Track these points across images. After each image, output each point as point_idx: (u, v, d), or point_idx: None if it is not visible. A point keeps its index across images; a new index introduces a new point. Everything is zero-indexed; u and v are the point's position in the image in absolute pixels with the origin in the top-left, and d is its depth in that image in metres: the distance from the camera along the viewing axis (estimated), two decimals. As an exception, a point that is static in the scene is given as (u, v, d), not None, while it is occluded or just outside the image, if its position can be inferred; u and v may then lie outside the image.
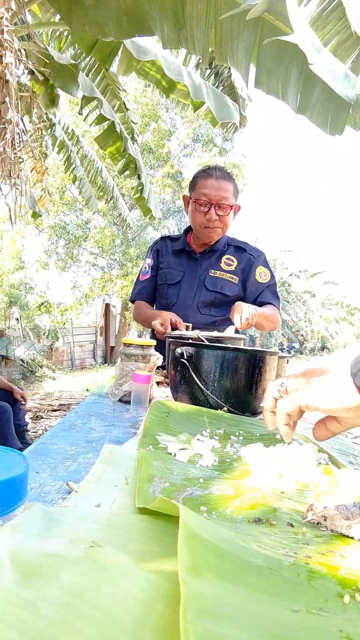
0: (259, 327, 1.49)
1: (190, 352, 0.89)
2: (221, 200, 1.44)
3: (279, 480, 0.52)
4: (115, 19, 1.76)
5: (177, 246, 1.64)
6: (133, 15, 1.73)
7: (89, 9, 1.77)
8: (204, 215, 1.46)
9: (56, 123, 3.82)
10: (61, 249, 13.35)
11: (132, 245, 12.87)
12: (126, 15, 1.74)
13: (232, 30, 1.64)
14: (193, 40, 1.72)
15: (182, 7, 1.65)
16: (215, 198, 1.43)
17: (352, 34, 1.93)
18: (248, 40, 1.65)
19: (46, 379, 9.13)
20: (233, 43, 1.67)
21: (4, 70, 2.15)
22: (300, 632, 0.22)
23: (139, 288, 1.68)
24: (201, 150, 13.04)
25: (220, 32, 1.66)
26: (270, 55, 1.66)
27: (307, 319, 17.81)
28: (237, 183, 1.56)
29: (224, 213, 1.47)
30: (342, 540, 0.37)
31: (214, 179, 1.44)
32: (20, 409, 2.83)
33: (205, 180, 1.45)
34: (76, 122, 10.62)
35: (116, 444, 0.62)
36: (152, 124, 12.22)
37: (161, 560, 0.30)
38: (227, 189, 1.45)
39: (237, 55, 1.70)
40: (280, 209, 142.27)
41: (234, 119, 2.60)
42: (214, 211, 1.45)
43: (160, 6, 1.68)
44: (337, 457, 0.62)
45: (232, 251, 1.59)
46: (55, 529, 0.31)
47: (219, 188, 1.43)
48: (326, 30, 2.09)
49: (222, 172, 1.47)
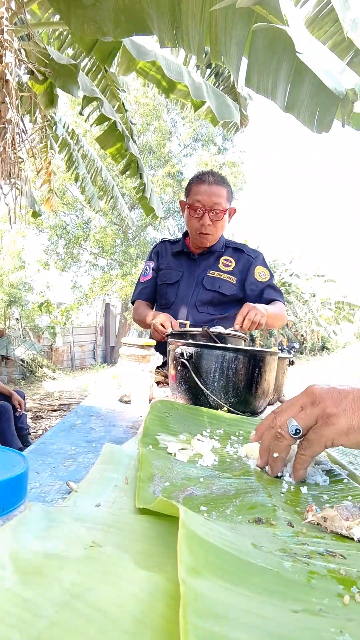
0: (270, 326, 1.51)
1: (190, 352, 0.89)
2: (214, 205, 1.46)
3: (279, 481, 0.52)
4: (113, 18, 1.76)
5: (176, 248, 1.67)
6: (131, 14, 1.74)
7: (87, 8, 1.77)
8: (198, 220, 1.49)
9: (57, 122, 3.83)
10: (61, 249, 13.35)
11: (132, 245, 12.87)
12: (124, 14, 1.74)
13: (225, 26, 1.63)
14: (188, 39, 1.72)
15: (179, 5, 1.65)
16: (208, 204, 1.46)
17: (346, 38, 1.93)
18: (241, 35, 1.65)
19: (46, 379, 9.13)
20: (226, 39, 1.66)
21: (4, 70, 2.15)
22: (300, 633, 0.22)
23: (140, 289, 1.71)
24: (201, 150, 13.04)
25: (215, 29, 1.66)
26: (262, 49, 1.65)
27: (307, 319, 17.81)
28: (236, 181, 1.58)
29: (217, 218, 1.49)
30: (342, 541, 0.37)
31: (206, 184, 1.46)
32: (22, 414, 2.81)
33: (199, 186, 1.48)
34: (77, 122, 10.63)
35: (116, 444, 0.62)
36: (153, 123, 12.23)
37: (161, 560, 0.30)
38: (220, 194, 1.46)
39: (229, 52, 1.70)
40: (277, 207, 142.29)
41: (235, 119, 2.60)
42: (207, 216, 1.47)
43: (157, 5, 1.68)
44: (337, 457, 0.62)
45: (230, 252, 1.62)
46: (55, 529, 0.31)
47: (211, 194, 1.45)
48: (322, 31, 2.10)
49: (216, 177, 1.49)
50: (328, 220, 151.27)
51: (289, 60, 1.64)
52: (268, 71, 1.69)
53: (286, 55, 1.63)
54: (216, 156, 12.65)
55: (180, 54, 3.20)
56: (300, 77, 1.66)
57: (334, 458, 0.61)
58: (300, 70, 1.63)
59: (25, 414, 2.87)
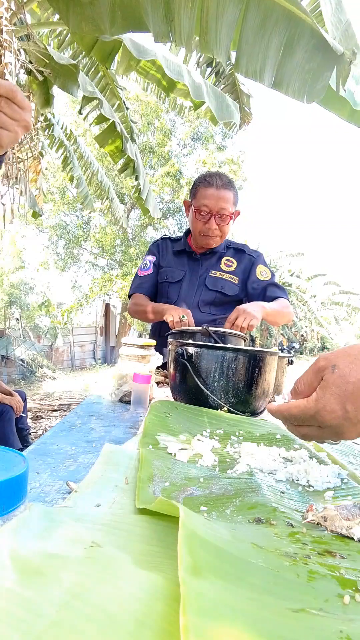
0: (273, 324, 1.49)
1: (190, 352, 0.89)
2: (221, 210, 1.45)
3: (279, 480, 0.52)
4: (109, 15, 1.75)
5: (178, 247, 1.66)
6: (127, 10, 1.73)
7: (85, 6, 1.77)
8: (204, 224, 1.48)
9: (54, 123, 3.83)
10: (61, 249, 13.35)
11: (131, 245, 12.87)
12: (120, 11, 1.73)
13: (217, 11, 1.62)
14: (180, 30, 1.70)
15: None
16: (215, 208, 1.45)
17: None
18: (232, 17, 1.63)
19: (46, 379, 9.14)
20: (217, 22, 1.65)
21: (4, 70, 2.15)
22: (300, 633, 0.22)
23: (138, 282, 1.67)
24: (201, 149, 13.04)
25: (206, 17, 1.65)
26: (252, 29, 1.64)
27: (307, 319, 17.81)
28: (236, 179, 1.57)
29: (224, 222, 1.48)
30: (342, 541, 0.37)
31: (214, 188, 1.45)
32: (22, 416, 2.80)
33: (206, 190, 1.46)
34: (77, 122, 10.63)
35: (116, 444, 0.62)
36: (155, 122, 12.22)
37: (161, 560, 0.30)
38: (228, 199, 1.45)
39: (219, 39, 1.68)
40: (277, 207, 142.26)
41: (234, 119, 2.60)
42: (213, 221, 1.46)
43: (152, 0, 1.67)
44: (337, 457, 0.62)
45: (232, 253, 1.62)
46: (55, 529, 0.31)
47: (219, 198, 1.44)
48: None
49: (223, 180, 1.48)
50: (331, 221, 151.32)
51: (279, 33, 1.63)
52: (257, 52, 1.69)
53: (278, 28, 1.62)
54: (215, 154, 12.65)
55: (181, 53, 3.20)
56: (291, 49, 1.66)
57: (334, 458, 0.61)
58: (292, 41, 1.63)
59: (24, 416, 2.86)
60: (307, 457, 0.59)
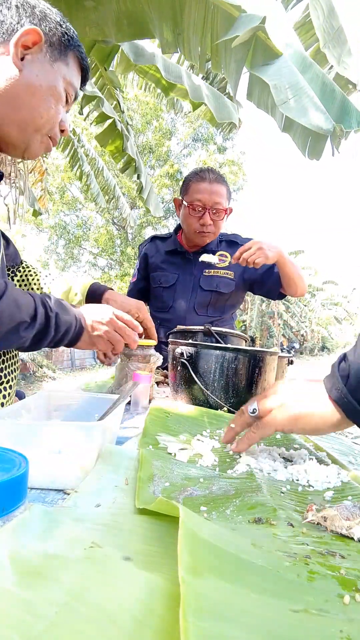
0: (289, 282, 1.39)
1: (190, 352, 0.89)
2: (215, 204, 1.42)
3: (279, 480, 0.52)
4: (115, 21, 1.76)
5: (169, 247, 1.62)
6: (133, 18, 1.73)
7: (89, 11, 1.77)
8: (198, 220, 1.44)
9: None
10: (61, 248, 13.35)
11: (130, 245, 12.87)
12: (126, 18, 1.74)
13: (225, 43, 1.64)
14: (189, 47, 1.73)
15: (181, 13, 1.65)
16: (209, 203, 1.41)
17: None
18: (240, 54, 1.66)
19: (46, 379, 9.13)
20: (226, 54, 1.68)
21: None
22: (300, 633, 0.22)
23: (128, 291, 1.72)
24: (201, 149, 13.04)
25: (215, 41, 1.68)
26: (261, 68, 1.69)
27: (307, 318, 17.81)
28: (236, 180, 1.57)
29: (219, 217, 1.45)
30: (342, 541, 0.37)
31: (207, 182, 1.42)
32: None
33: (199, 184, 1.42)
34: (75, 122, 10.62)
35: (116, 444, 0.62)
36: (153, 122, 12.22)
37: (161, 560, 0.30)
38: (221, 193, 1.43)
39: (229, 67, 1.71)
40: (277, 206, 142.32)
41: (233, 119, 2.60)
42: (208, 216, 1.43)
43: (159, 11, 1.68)
44: (337, 457, 0.62)
45: (225, 247, 1.57)
46: (55, 529, 0.31)
47: (212, 192, 1.41)
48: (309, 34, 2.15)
49: (215, 174, 1.45)
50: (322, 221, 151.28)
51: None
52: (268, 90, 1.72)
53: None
54: (215, 155, 12.65)
55: (174, 55, 3.20)
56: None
57: (334, 458, 0.61)
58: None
59: None
60: (307, 457, 0.59)
